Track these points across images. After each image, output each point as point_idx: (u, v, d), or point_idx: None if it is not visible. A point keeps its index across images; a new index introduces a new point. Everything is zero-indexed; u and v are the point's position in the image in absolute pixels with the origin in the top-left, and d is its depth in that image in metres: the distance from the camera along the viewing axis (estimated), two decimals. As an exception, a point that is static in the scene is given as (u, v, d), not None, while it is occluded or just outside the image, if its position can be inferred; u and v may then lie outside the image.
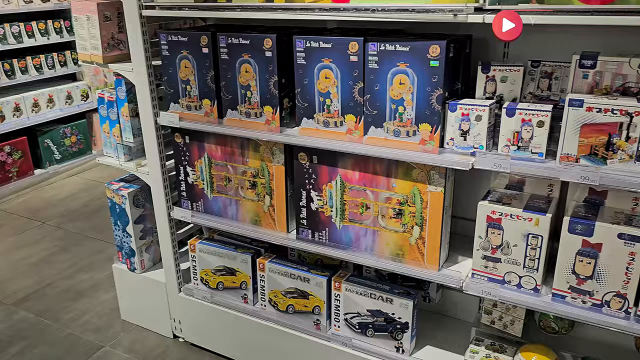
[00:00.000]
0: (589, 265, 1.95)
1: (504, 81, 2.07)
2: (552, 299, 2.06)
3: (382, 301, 2.48)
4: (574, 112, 1.81)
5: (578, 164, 1.85)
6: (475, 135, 2.02)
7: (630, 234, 1.85)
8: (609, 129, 1.78)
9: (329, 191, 2.40)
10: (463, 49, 2.13)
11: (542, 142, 1.92)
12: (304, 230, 2.54)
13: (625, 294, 1.92)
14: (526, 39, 2.18)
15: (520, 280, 2.10)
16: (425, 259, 2.27)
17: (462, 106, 2.02)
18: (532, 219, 2.01)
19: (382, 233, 2.34)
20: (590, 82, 1.90)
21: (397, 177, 2.23)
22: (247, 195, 2.67)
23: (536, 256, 2.04)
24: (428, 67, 1.99)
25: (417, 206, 2.22)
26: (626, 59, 1.83)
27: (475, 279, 2.19)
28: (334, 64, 2.18)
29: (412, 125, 2.10)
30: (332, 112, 2.26)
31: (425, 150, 2.09)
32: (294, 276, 2.68)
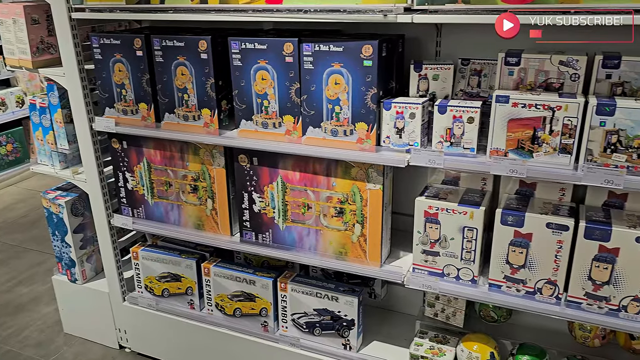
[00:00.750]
0: (521, 254, 2.02)
1: (436, 79, 2.13)
2: (489, 289, 2.13)
3: (328, 300, 2.50)
4: (500, 108, 1.88)
5: (507, 158, 1.92)
6: (410, 133, 2.06)
7: (558, 223, 1.93)
8: (534, 124, 1.86)
9: (271, 192, 2.40)
10: (396, 49, 2.17)
11: (473, 137, 1.98)
12: (248, 233, 2.52)
13: (556, 281, 2.01)
14: (456, 38, 2.25)
15: (459, 272, 2.16)
16: (368, 256, 2.30)
17: (396, 104, 2.05)
18: (467, 212, 2.07)
19: (324, 232, 2.35)
20: (515, 78, 1.97)
21: (337, 176, 2.24)
22: (188, 200, 2.63)
23: (472, 248, 2.10)
24: (362, 66, 2.02)
25: (357, 204, 2.24)
26: (547, 56, 1.91)
27: (416, 273, 2.23)
28: (270, 65, 2.18)
29: (349, 124, 2.12)
30: (270, 114, 2.26)
31: (362, 148, 2.12)
32: (239, 279, 2.66)
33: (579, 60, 1.87)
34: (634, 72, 1.82)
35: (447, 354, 2.36)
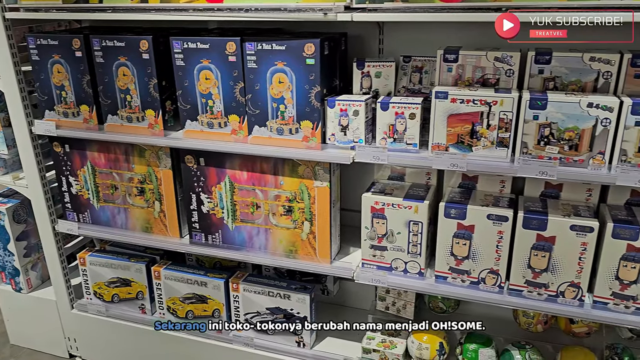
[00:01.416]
0: (464, 246, 2.08)
1: (379, 76, 2.16)
2: (435, 281, 2.18)
3: (280, 298, 2.50)
4: (440, 103, 1.92)
5: (448, 152, 1.97)
6: (354, 130, 2.09)
7: (498, 214, 2.00)
8: (472, 118, 1.91)
9: (219, 193, 2.38)
10: (338, 47, 2.19)
11: (415, 133, 2.02)
12: (197, 234, 2.50)
13: (498, 270, 2.07)
14: (398, 36, 2.29)
15: (406, 265, 2.20)
16: (317, 253, 2.32)
17: (340, 102, 2.07)
18: (411, 207, 2.11)
19: (274, 231, 2.35)
20: (454, 75, 2.02)
21: (284, 174, 2.25)
22: (135, 203, 2.58)
23: (418, 242, 2.14)
24: (304, 65, 2.03)
25: (305, 202, 2.25)
26: (483, 53, 1.97)
27: (365, 268, 2.26)
28: (214, 64, 2.16)
29: (294, 122, 2.13)
30: (216, 113, 2.24)
31: (308, 146, 2.13)
32: (190, 281, 2.63)
33: (513, 56, 1.94)
34: (564, 67, 1.89)
35: (398, 346, 2.41)
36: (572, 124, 1.79)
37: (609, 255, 1.91)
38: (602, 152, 1.79)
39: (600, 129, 1.77)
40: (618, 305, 1.96)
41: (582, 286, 1.98)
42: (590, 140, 1.79)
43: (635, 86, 1.84)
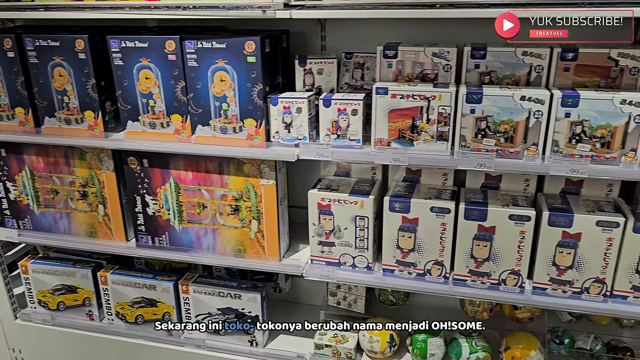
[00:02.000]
0: (410, 239, 2.11)
1: (321, 73, 2.16)
2: (383, 274, 2.20)
3: (231, 298, 2.48)
4: (381, 99, 1.94)
5: (390, 147, 1.99)
6: (298, 127, 2.09)
7: (440, 206, 2.04)
8: (412, 113, 1.94)
9: (164, 194, 2.34)
10: (280, 44, 2.18)
11: (358, 129, 2.04)
12: (143, 237, 2.45)
13: (442, 261, 2.12)
14: (340, 32, 2.30)
15: (354, 260, 2.22)
16: (266, 252, 2.31)
17: (282, 100, 2.07)
18: (357, 202, 2.13)
19: (221, 231, 2.33)
20: (394, 70, 2.05)
21: (230, 173, 2.23)
22: (78, 207, 2.50)
23: (365, 236, 2.17)
24: (246, 63, 2.01)
25: (252, 200, 2.24)
26: (421, 48, 2.00)
27: (314, 265, 2.27)
28: (153, 63, 2.12)
29: (238, 121, 2.11)
30: (157, 113, 2.20)
31: (252, 145, 2.12)
32: (139, 285, 2.58)
33: (450, 51, 1.98)
34: (498, 61, 1.94)
35: (350, 340, 2.43)
36: (507, 117, 1.85)
37: (545, 243, 1.98)
38: (536, 144, 1.86)
39: (533, 121, 1.83)
40: (556, 290, 2.03)
41: (522, 273, 2.05)
42: (524, 132, 1.85)
43: (565, 79, 1.91)
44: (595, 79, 1.89)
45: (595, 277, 1.98)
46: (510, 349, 2.29)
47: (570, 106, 1.78)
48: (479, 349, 2.29)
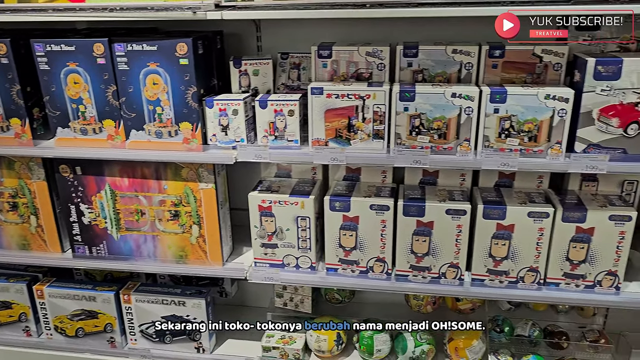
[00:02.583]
0: (351, 237, 2.13)
1: (257, 74, 2.15)
2: (327, 274, 2.21)
3: (175, 305, 2.43)
4: (316, 99, 1.94)
5: (327, 147, 2.00)
6: (235, 129, 2.06)
7: (379, 204, 2.06)
8: (348, 113, 1.95)
9: (100, 202, 2.27)
10: (214, 45, 2.15)
11: (296, 130, 2.04)
12: (80, 247, 2.36)
13: (384, 258, 2.14)
14: (275, 33, 2.29)
15: (298, 261, 2.22)
16: (209, 256, 2.27)
17: (218, 102, 2.04)
18: (298, 202, 2.12)
19: (162, 237, 2.28)
20: (329, 70, 2.05)
21: (168, 178, 2.18)
22: (8, 219, 2.39)
23: (307, 237, 2.17)
24: (178, 65, 1.97)
25: (192, 205, 2.20)
26: (355, 48, 2.01)
27: (257, 268, 2.25)
28: (82, 67, 2.04)
29: (173, 125, 2.06)
30: (89, 119, 2.12)
31: (189, 148, 2.08)
32: (78, 297, 2.49)
33: (383, 50, 2.00)
34: (430, 60, 1.98)
35: (298, 341, 2.43)
36: (440, 114, 1.89)
37: (481, 235, 2.03)
38: (468, 139, 1.90)
39: (465, 117, 1.87)
40: (493, 281, 2.09)
41: (461, 266, 2.09)
42: (456, 128, 1.89)
43: (493, 76, 1.96)
44: (522, 75, 1.95)
45: (529, 266, 2.04)
46: (453, 340, 2.34)
47: (498, 102, 1.84)
48: (423, 341, 2.33)
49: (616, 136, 1.82)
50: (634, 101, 1.77)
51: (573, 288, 2.05)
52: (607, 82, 1.77)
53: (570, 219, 1.95)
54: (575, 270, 2.02)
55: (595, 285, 2.03)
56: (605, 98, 1.78)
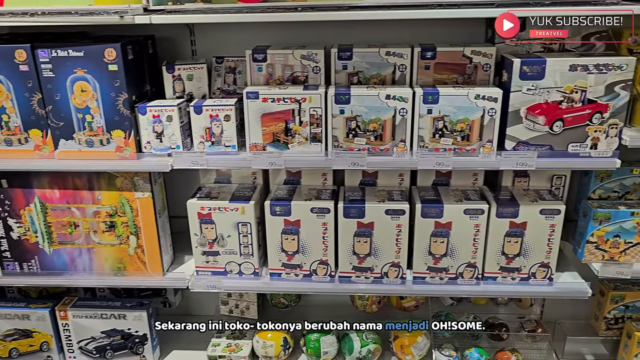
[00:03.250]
0: (294, 241, 2.12)
1: (191, 79, 2.10)
2: (270, 279, 2.19)
3: (115, 319, 2.35)
4: (252, 104, 1.92)
5: (265, 152, 1.98)
6: (170, 136, 2.01)
7: (320, 207, 2.06)
8: (285, 116, 1.94)
9: (29, 215, 2.16)
10: (145, 50, 2.09)
11: (232, 135, 2.01)
12: (10, 263, 2.24)
13: (327, 261, 2.14)
14: (210, 36, 2.25)
15: (240, 267, 2.19)
16: (148, 267, 2.21)
17: (151, 108, 1.98)
18: (238, 208, 2.09)
19: (97, 249, 2.20)
20: (265, 74, 2.03)
21: (101, 189, 2.11)
22: None
23: (249, 242, 2.14)
24: (107, 71, 1.90)
25: (128, 215, 2.13)
26: (290, 51, 2.00)
27: (199, 276, 2.21)
28: (2, 75, 1.94)
29: (104, 133, 1.99)
30: (13, 129, 2.02)
31: (122, 157, 2.01)
32: (10, 316, 2.37)
33: (318, 53, 2.00)
34: (364, 62, 1.99)
35: (244, 348, 2.40)
36: (375, 116, 1.90)
37: (421, 234, 2.07)
38: (404, 140, 1.93)
39: (399, 118, 1.90)
40: (434, 278, 2.13)
41: (402, 265, 2.12)
42: (392, 129, 1.92)
43: (426, 77, 2.00)
44: (453, 75, 1.99)
45: (468, 262, 2.09)
46: (398, 337, 2.37)
47: (431, 103, 1.87)
48: (369, 341, 2.35)
49: (543, 133, 1.88)
50: (557, 99, 1.84)
51: (509, 281, 2.12)
52: (532, 82, 1.83)
53: (504, 214, 2.01)
54: (510, 263, 2.09)
55: (530, 278, 2.10)
56: (531, 97, 1.85)
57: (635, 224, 2.02)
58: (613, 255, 2.07)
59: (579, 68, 1.81)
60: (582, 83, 1.82)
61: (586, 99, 1.84)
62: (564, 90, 1.83)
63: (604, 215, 2.02)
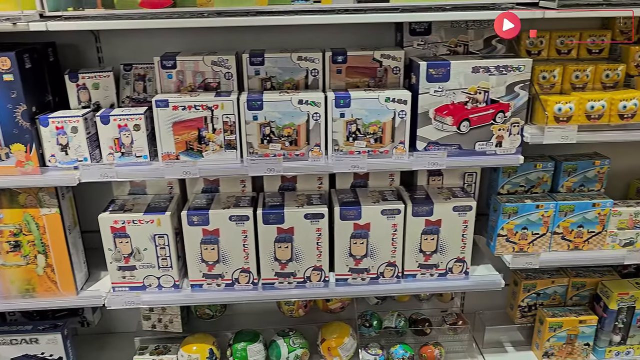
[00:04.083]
0: (213, 251, 2.07)
1: (97, 88, 2.01)
2: (192, 290, 2.14)
3: (27, 343, 2.22)
4: (162, 112, 1.87)
5: (179, 161, 1.93)
6: (76, 148, 1.92)
7: (239, 214, 2.03)
8: (197, 124, 1.90)
9: None
10: (45, 58, 1.98)
11: (143, 144, 1.94)
12: None
13: (249, 268, 2.11)
14: (117, 43, 2.16)
15: (160, 280, 2.12)
16: (60, 286, 2.09)
17: (54, 120, 1.88)
18: (153, 220, 2.02)
19: (2, 271, 2.06)
20: (175, 81, 1.98)
21: (3, 206, 1.98)
22: None
23: (167, 255, 2.08)
24: (2, 82, 1.79)
25: (34, 233, 2.01)
26: (200, 57, 1.96)
27: (116, 292, 2.12)
28: None
29: (3, 147, 1.87)
30: None
31: (24, 172, 1.90)
32: None
33: (229, 59, 1.97)
34: (277, 67, 1.99)
35: (169, 363, 2.33)
36: (289, 121, 1.90)
37: (341, 236, 2.08)
38: (319, 144, 1.94)
39: (313, 123, 1.90)
40: (356, 279, 2.16)
41: (324, 268, 2.13)
42: (306, 134, 1.92)
43: (339, 81, 2.02)
44: (365, 79, 2.02)
45: (388, 261, 2.13)
46: (325, 340, 2.38)
47: (343, 107, 1.89)
48: (296, 346, 2.34)
49: (451, 133, 1.95)
50: (463, 100, 1.91)
51: (428, 277, 2.18)
52: (438, 84, 1.89)
53: (420, 213, 2.07)
54: (428, 260, 2.15)
55: (447, 273, 2.17)
56: (438, 98, 1.91)
57: (540, 216, 2.13)
58: (522, 247, 2.18)
59: (481, 70, 1.89)
60: (484, 84, 1.90)
61: (489, 99, 1.92)
62: (469, 91, 1.91)
63: (511, 209, 2.12)
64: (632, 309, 2.32)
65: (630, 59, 2.05)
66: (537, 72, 2.00)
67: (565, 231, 2.17)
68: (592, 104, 1.93)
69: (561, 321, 2.33)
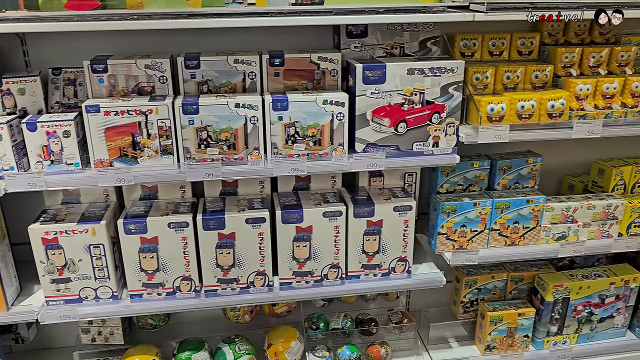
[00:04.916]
0: (152, 259, 2.02)
1: (23, 93, 1.93)
2: (131, 301, 2.08)
3: (-46, 365, 2.10)
4: (93, 118, 1.80)
5: (113, 168, 1.87)
6: (1, 157, 1.83)
7: (177, 221, 1.98)
8: (131, 130, 1.84)
9: None
10: (-35, 63, 1.89)
11: (74, 151, 1.87)
12: None
13: (190, 276, 2.07)
14: (45, 46, 2.08)
15: (96, 292, 2.04)
16: (-12, 303, 1.99)
17: (-25, 127, 1.79)
18: (88, 230, 1.95)
19: None
20: (107, 85, 1.92)
21: None
22: None
23: (104, 265, 2.01)
24: None
25: (-42, 248, 1.90)
26: (132, 61, 1.91)
27: (50, 307, 2.03)
28: None
29: None
30: None
31: (-57, 184, 1.79)
32: None
33: (163, 62, 1.93)
34: (213, 70, 1.96)
35: (110, 378, 2.25)
36: (226, 125, 1.87)
37: (283, 239, 2.07)
38: (257, 148, 1.92)
39: (251, 126, 1.88)
40: (300, 282, 2.15)
41: (268, 272, 2.11)
42: (245, 138, 1.90)
43: (277, 84, 2.01)
44: (303, 82, 2.02)
45: (331, 263, 2.14)
46: (272, 345, 2.36)
47: (281, 110, 1.88)
48: (242, 352, 2.31)
49: (389, 135, 1.97)
50: (399, 102, 1.94)
51: (372, 277, 2.20)
52: (375, 86, 1.91)
53: (361, 214, 2.08)
54: (371, 261, 2.16)
55: (390, 272, 2.20)
56: (375, 100, 1.93)
57: (478, 214, 2.19)
58: (462, 244, 2.23)
59: (416, 71, 1.92)
60: (420, 85, 1.94)
61: (425, 100, 1.96)
62: (405, 93, 1.94)
63: (450, 208, 2.16)
64: (567, 300, 2.41)
65: (558, 60, 2.14)
66: (471, 74, 2.05)
67: (502, 227, 2.23)
68: (522, 104, 2.00)
69: (501, 315, 2.40)
